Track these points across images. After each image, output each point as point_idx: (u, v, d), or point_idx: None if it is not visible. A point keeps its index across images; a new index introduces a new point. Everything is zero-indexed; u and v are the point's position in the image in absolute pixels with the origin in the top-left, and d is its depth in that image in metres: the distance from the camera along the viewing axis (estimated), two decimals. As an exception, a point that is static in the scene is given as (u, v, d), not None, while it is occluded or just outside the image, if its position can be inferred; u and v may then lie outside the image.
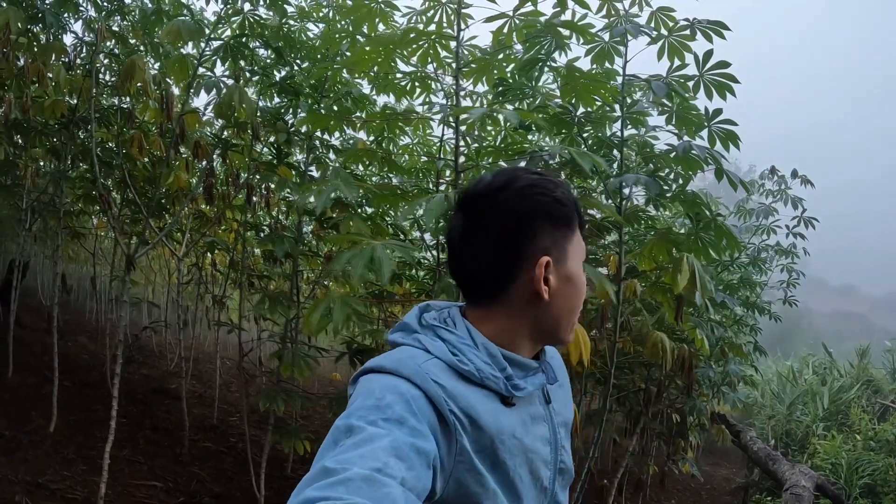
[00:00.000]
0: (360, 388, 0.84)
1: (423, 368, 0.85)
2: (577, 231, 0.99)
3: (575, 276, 0.98)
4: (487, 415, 0.87)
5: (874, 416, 6.47)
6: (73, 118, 3.93)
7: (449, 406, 0.83)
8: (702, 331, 3.44)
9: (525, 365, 0.95)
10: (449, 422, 0.83)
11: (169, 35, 2.82)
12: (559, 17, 2.75)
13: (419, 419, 0.79)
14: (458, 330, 0.94)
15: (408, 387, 0.82)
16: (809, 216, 4.72)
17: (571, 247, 0.97)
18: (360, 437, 0.73)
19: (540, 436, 0.97)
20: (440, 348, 0.90)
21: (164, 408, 5.37)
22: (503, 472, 0.88)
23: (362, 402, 0.80)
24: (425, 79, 2.94)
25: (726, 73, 2.85)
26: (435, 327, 0.94)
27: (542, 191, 0.95)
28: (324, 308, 2.13)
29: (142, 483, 3.85)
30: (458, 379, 0.87)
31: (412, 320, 0.97)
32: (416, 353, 0.89)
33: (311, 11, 3.79)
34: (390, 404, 0.79)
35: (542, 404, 1.00)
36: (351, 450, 0.71)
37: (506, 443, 0.89)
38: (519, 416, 0.93)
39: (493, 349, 0.92)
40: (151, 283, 8.18)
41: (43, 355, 5.12)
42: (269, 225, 4.35)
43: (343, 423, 0.76)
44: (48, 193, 4.90)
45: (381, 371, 0.86)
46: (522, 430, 0.93)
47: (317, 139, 3.75)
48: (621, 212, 3.12)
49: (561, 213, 0.96)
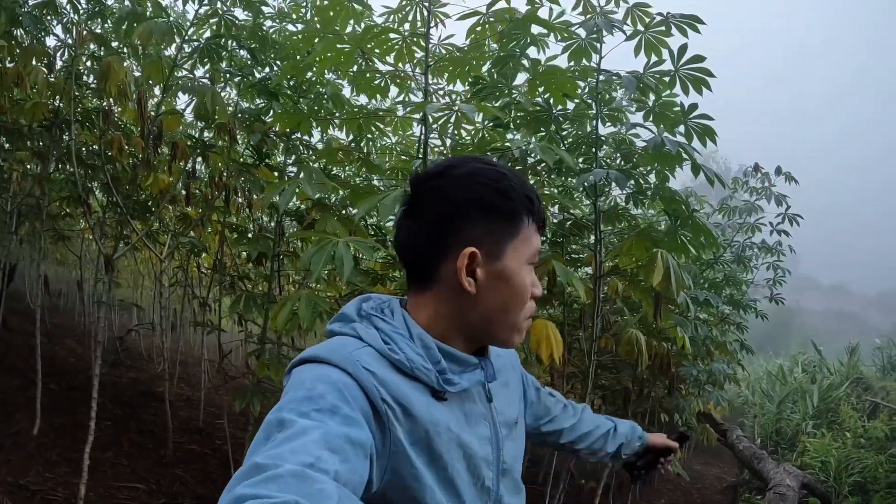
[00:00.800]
0: (293, 380, 0.82)
1: (353, 356, 0.83)
2: (524, 229, 0.94)
3: (509, 275, 0.93)
4: (420, 406, 0.85)
5: (864, 413, 6.46)
6: (55, 121, 3.92)
7: (381, 394, 0.81)
8: (684, 329, 3.43)
9: (462, 360, 0.93)
10: (381, 410, 0.81)
11: (141, 36, 2.81)
12: (535, 13, 2.75)
13: (352, 407, 0.77)
14: (393, 320, 0.92)
15: (339, 375, 0.81)
16: (794, 213, 4.71)
17: (512, 243, 0.93)
18: (291, 430, 0.71)
19: (479, 434, 0.95)
20: (373, 336, 0.88)
21: (151, 410, 5.36)
22: (440, 466, 0.87)
23: (294, 394, 0.78)
24: (401, 77, 2.93)
25: (702, 67, 2.85)
26: (371, 316, 0.93)
27: (484, 180, 0.92)
28: (290, 307, 2.12)
29: (124, 485, 3.83)
30: (390, 368, 0.85)
31: (351, 310, 0.95)
32: (348, 341, 0.88)
33: (291, 12, 3.80)
34: (322, 394, 0.77)
35: (482, 402, 0.98)
36: (282, 444, 0.69)
37: (441, 435, 0.87)
38: (453, 411, 0.91)
39: (429, 341, 0.90)
40: (139, 286, 8.17)
41: (29, 358, 5.10)
42: (251, 226, 4.34)
43: (274, 417, 0.74)
44: (34, 196, 4.90)
45: (314, 360, 0.84)
46: (458, 427, 0.91)
47: (297, 140, 3.75)
48: (597, 209, 3.12)
49: (502, 206, 0.92)
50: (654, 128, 3.12)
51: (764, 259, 5.13)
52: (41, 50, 3.74)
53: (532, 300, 0.97)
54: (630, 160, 3.47)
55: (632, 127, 3.42)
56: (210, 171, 4.51)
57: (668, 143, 2.49)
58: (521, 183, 0.95)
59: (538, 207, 0.96)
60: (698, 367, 4.33)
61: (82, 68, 4.06)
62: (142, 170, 3.71)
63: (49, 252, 6.02)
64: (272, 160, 4.22)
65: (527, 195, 0.94)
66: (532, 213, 0.95)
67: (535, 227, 0.95)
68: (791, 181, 4.57)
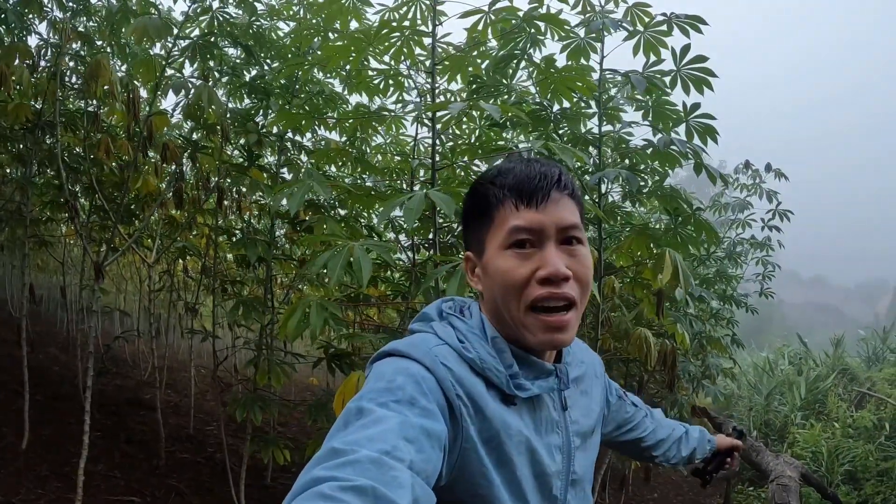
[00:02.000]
0: (374, 372, 0.84)
1: (433, 352, 0.85)
2: (497, 214, 0.90)
3: (486, 265, 0.92)
4: (492, 407, 0.85)
5: (851, 403, 6.57)
6: (38, 122, 3.80)
7: (456, 390, 0.82)
8: (682, 325, 3.45)
9: (536, 365, 0.91)
10: (455, 406, 0.81)
11: (135, 33, 2.72)
12: (536, 12, 2.73)
13: (429, 400, 0.78)
14: (471, 320, 0.93)
15: (418, 368, 0.82)
16: (784, 209, 4.77)
17: (489, 236, 0.91)
18: (369, 418, 0.72)
19: (550, 442, 0.93)
20: (449, 334, 0.90)
21: (139, 419, 5.24)
22: (509, 469, 0.86)
23: (374, 385, 0.79)
24: (398, 76, 2.89)
25: (704, 67, 2.85)
26: (450, 316, 0.94)
27: (471, 189, 0.98)
28: (300, 312, 2.07)
29: (119, 498, 3.74)
30: (466, 367, 0.86)
31: (432, 310, 0.98)
32: (428, 337, 0.90)
33: (282, 9, 3.72)
34: (401, 386, 0.78)
35: (556, 410, 0.96)
36: (360, 431, 0.70)
37: (513, 438, 0.86)
38: (523, 417, 0.90)
39: (503, 344, 0.90)
40: (123, 292, 8.00)
41: (13, 368, 4.95)
42: (242, 229, 4.26)
43: (354, 406, 0.75)
44: (14, 201, 4.75)
45: (394, 354, 0.86)
46: (529, 432, 0.89)
47: (288, 140, 3.68)
48: (601, 207, 3.11)
49: (478, 205, 0.94)
50: (652, 127, 3.13)
51: (753, 255, 5.18)
52: (24, 49, 3.61)
53: (538, 284, 0.87)
54: (626, 158, 3.47)
55: (627, 125, 3.42)
56: (196, 172, 4.42)
57: (677, 143, 2.49)
58: (495, 169, 0.95)
59: (510, 181, 0.90)
60: (693, 362, 4.36)
61: (65, 68, 3.93)
62: (130, 172, 3.61)
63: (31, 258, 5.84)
64: (262, 161, 4.15)
65: (495, 175, 0.93)
66: (504, 189, 0.90)
67: (511, 204, 0.89)
68: (781, 178, 4.62)
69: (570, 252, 0.89)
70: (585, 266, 0.90)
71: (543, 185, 0.89)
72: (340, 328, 2.72)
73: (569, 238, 0.90)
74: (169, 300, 5.92)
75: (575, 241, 0.90)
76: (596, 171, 3.17)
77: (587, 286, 0.91)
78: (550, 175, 0.90)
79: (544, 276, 0.86)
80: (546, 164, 0.92)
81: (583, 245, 0.91)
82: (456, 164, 3.27)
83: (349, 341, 3.02)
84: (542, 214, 0.88)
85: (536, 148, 2.14)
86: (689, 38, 2.82)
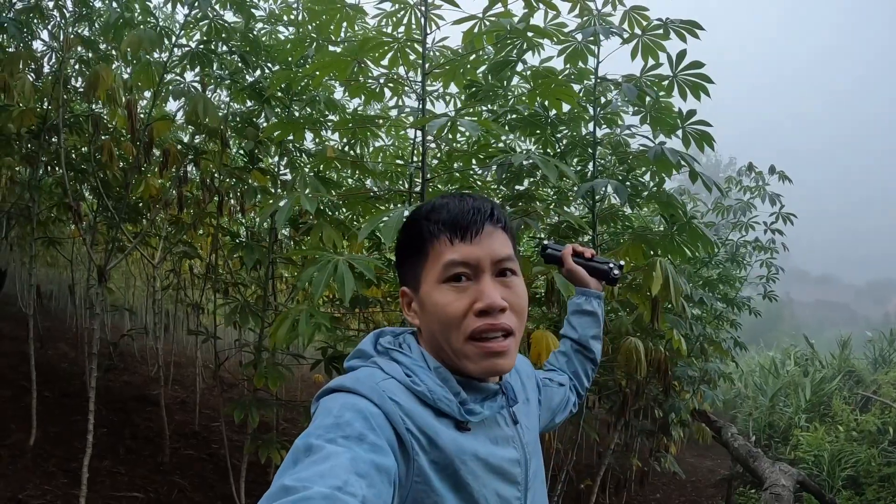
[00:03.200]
0: (321, 408, 0.84)
1: (380, 387, 0.85)
2: (431, 249, 0.92)
3: (423, 300, 0.93)
4: (445, 436, 0.86)
5: (856, 406, 6.52)
6: (43, 126, 3.86)
7: (406, 424, 0.83)
8: (679, 330, 3.44)
9: (481, 388, 0.94)
10: (406, 441, 0.82)
11: (130, 45, 2.76)
12: (529, 19, 2.72)
13: (378, 435, 0.78)
14: (412, 353, 0.94)
15: (366, 404, 0.82)
16: (788, 212, 4.73)
17: (425, 270, 0.93)
18: (319, 454, 0.72)
19: (507, 457, 0.95)
20: (395, 369, 0.90)
21: (146, 415, 5.32)
22: (466, 492, 0.87)
23: (321, 421, 0.79)
24: (396, 81, 2.90)
25: (700, 73, 2.84)
26: (390, 350, 0.95)
27: (404, 225, 0.99)
28: (290, 322, 2.10)
29: (123, 494, 3.80)
30: (414, 400, 0.87)
31: (367, 346, 0.98)
32: (375, 372, 0.89)
33: (282, 14, 3.74)
34: (349, 421, 0.78)
35: (508, 426, 0.99)
36: (310, 467, 0.70)
37: (468, 464, 0.87)
38: (478, 438, 0.92)
39: (446, 373, 0.92)
40: (133, 288, 8.10)
41: (21, 365, 5.05)
42: (245, 231, 4.30)
43: (302, 443, 0.75)
44: (24, 201, 4.83)
45: (340, 390, 0.86)
46: (486, 452, 0.91)
47: (289, 143, 3.71)
48: (594, 213, 3.11)
49: (413, 241, 0.95)
50: (651, 131, 3.12)
51: (757, 257, 5.15)
52: (27, 55, 3.67)
53: (476, 317, 0.89)
54: (625, 162, 3.47)
55: (626, 128, 3.41)
56: (200, 174, 4.47)
57: (668, 152, 2.48)
58: (429, 205, 0.96)
59: (444, 216, 0.92)
60: (693, 366, 4.34)
61: (71, 71, 3.99)
62: (132, 175, 3.66)
63: (38, 255, 5.93)
64: (265, 162, 4.18)
65: (429, 211, 0.95)
66: (438, 224, 0.92)
67: (446, 239, 0.91)
68: (785, 180, 4.58)
69: (504, 283, 0.93)
70: (520, 297, 0.94)
71: (477, 219, 0.92)
72: (342, 331, 2.75)
73: (503, 270, 0.93)
74: (176, 297, 6.00)
75: (509, 273, 0.94)
76: (594, 176, 3.17)
77: (523, 315, 0.95)
78: (483, 209, 0.93)
79: (481, 309, 0.89)
80: (479, 199, 0.95)
81: (517, 276, 0.95)
82: (453, 169, 3.29)
83: (350, 345, 3.05)
84: (477, 248, 0.91)
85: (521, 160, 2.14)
86: (686, 43, 2.82)
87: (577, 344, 1.39)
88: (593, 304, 1.39)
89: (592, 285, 1.40)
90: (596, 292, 1.40)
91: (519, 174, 3.34)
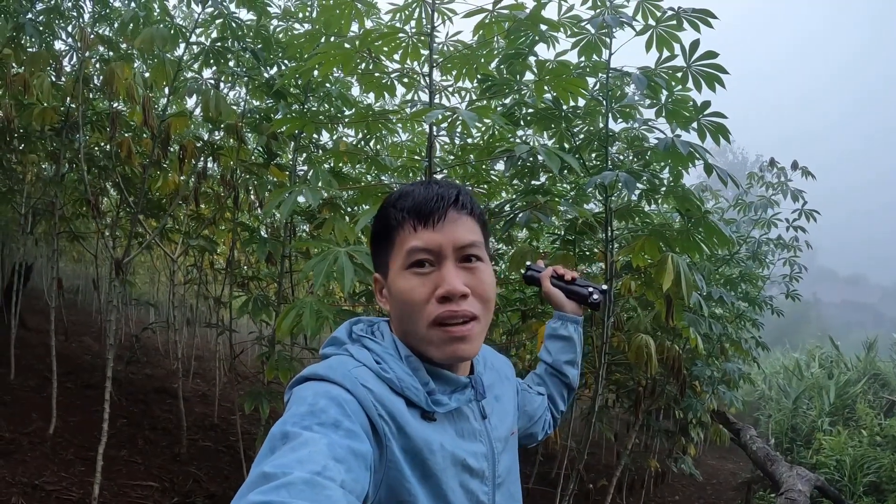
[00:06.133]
0: (294, 397, 0.84)
1: (352, 374, 0.86)
2: (397, 236, 0.94)
3: (392, 286, 0.94)
4: (413, 424, 0.87)
5: (881, 410, 6.35)
6: (65, 123, 3.95)
7: (378, 411, 0.84)
8: (696, 329, 3.37)
9: (451, 380, 0.96)
10: (378, 427, 0.83)
11: (143, 43, 2.80)
12: (540, 11, 2.70)
13: (353, 422, 0.79)
14: (384, 341, 0.95)
15: (339, 391, 0.82)
16: (810, 209, 4.61)
17: (392, 257, 0.95)
18: (296, 441, 0.72)
19: (474, 451, 0.96)
20: (366, 357, 0.91)
21: (166, 407, 5.42)
22: (434, 482, 0.88)
23: (296, 409, 0.79)
24: (407, 75, 2.90)
25: (714, 63, 2.78)
26: (362, 338, 0.95)
27: (377, 212, 1.00)
28: (294, 314, 2.11)
29: (138, 483, 3.87)
30: (385, 387, 0.88)
31: (342, 334, 0.98)
32: (345, 360, 0.90)
33: (297, 11, 3.77)
34: (324, 408, 0.79)
35: (477, 420, 1.00)
36: (288, 454, 0.70)
37: (435, 454, 0.88)
38: (445, 430, 0.93)
39: (416, 362, 0.92)
40: (156, 282, 8.24)
41: (45, 357, 5.17)
42: (264, 225, 4.34)
43: (278, 431, 0.75)
44: (48, 197, 4.95)
45: (314, 378, 0.86)
46: (453, 444, 0.92)
47: (306, 139, 3.74)
48: (608, 208, 3.07)
49: (382, 230, 0.96)
50: (667, 125, 3.07)
51: (780, 255, 5.03)
52: (48, 55, 3.74)
53: (438, 303, 0.90)
54: (642, 157, 3.42)
55: (644, 122, 3.36)
56: (221, 170, 4.53)
57: (679, 144, 2.44)
58: (397, 193, 0.97)
59: (409, 203, 0.93)
60: (712, 365, 4.26)
61: (91, 70, 4.07)
62: (151, 171, 3.72)
63: (65, 250, 6.07)
64: (283, 158, 4.22)
65: (396, 199, 0.95)
66: (403, 212, 0.93)
67: (410, 226, 0.92)
68: (808, 176, 4.47)
69: (468, 269, 0.93)
70: (485, 282, 0.93)
71: (440, 205, 0.92)
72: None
73: (467, 256, 0.93)
74: (198, 291, 6.09)
75: (474, 259, 0.93)
76: (604, 169, 3.12)
77: (488, 302, 0.94)
78: (447, 196, 0.93)
79: (442, 294, 0.89)
80: (444, 186, 0.95)
81: (482, 262, 0.94)
82: (466, 163, 3.28)
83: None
84: (439, 234, 0.91)
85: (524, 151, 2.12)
86: (700, 33, 2.76)
87: (551, 368, 1.37)
88: (569, 328, 1.36)
89: (569, 308, 1.37)
90: (573, 317, 1.37)
91: (534, 168, 3.31)
